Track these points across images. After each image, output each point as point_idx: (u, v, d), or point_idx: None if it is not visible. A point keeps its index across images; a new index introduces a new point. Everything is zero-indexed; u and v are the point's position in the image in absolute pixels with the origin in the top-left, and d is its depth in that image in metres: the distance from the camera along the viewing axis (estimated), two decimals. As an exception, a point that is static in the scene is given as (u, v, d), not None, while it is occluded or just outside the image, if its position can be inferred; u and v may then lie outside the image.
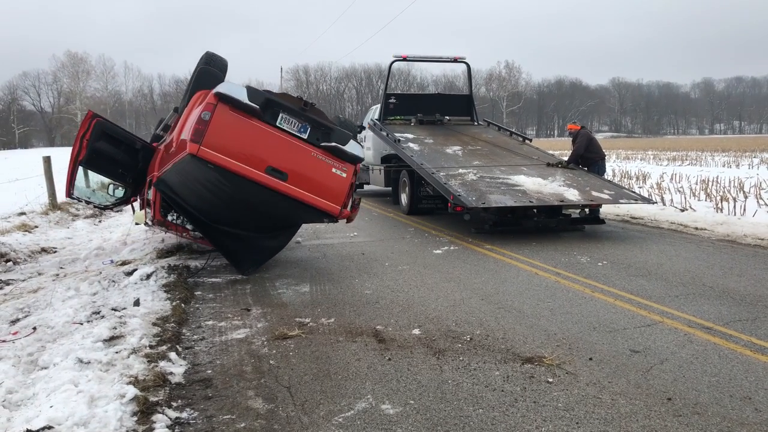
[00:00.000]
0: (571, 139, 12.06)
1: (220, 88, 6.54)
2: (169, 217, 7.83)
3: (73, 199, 8.81)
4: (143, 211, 8.57)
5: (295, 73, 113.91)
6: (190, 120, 6.61)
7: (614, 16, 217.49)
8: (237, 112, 6.51)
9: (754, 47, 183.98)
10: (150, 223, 8.60)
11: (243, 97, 6.50)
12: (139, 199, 9.00)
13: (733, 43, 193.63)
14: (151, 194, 7.94)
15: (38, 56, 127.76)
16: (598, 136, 14.34)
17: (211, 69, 7.78)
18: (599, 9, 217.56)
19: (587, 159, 11.51)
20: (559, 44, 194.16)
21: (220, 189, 6.83)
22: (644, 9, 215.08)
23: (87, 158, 8.09)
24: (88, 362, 4.31)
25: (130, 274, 7.06)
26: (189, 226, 7.91)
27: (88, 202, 9.08)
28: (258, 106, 6.55)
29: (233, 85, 6.67)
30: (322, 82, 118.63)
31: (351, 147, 7.00)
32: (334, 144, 6.86)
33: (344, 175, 6.92)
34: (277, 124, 6.70)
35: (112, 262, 8.17)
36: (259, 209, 7.19)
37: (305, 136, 6.79)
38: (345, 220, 7.28)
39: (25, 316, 5.63)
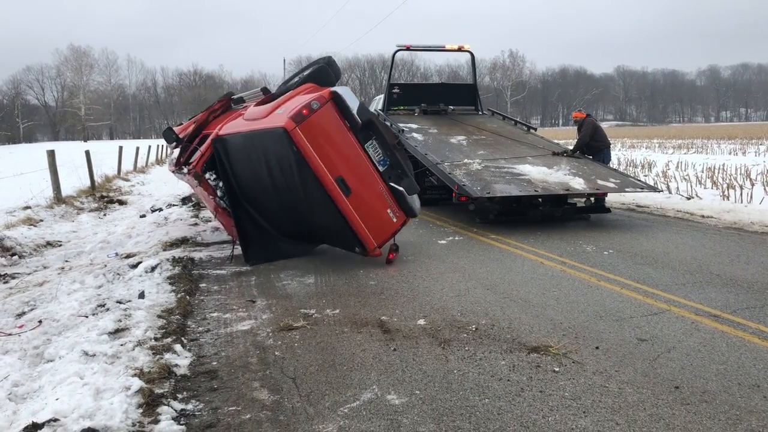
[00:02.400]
0: (576, 127, 11.98)
1: (339, 90, 6.91)
2: (207, 175, 7.99)
3: None
4: (172, 156, 9.06)
5: (298, 64, 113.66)
6: (295, 102, 6.93)
7: (619, 3, 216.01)
8: (339, 117, 6.87)
9: (760, 33, 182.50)
10: (173, 168, 9.00)
11: (353, 107, 6.91)
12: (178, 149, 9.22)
13: (739, 29, 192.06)
14: (203, 147, 8.14)
15: (41, 50, 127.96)
16: (603, 125, 14.21)
17: (329, 70, 7.98)
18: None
19: (592, 147, 11.43)
20: (563, 33, 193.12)
21: (281, 173, 7.03)
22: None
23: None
24: (94, 355, 4.31)
25: (134, 266, 7.06)
26: (219, 193, 8.00)
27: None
28: (360, 122, 6.92)
29: (350, 93, 7.03)
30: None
31: (413, 200, 7.27)
32: (402, 189, 7.10)
33: (395, 220, 7.17)
34: (365, 146, 7.00)
35: (116, 254, 8.18)
36: (303, 210, 7.28)
37: (381, 169, 7.08)
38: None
39: (31, 310, 5.64)
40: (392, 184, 7.10)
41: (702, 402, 3.61)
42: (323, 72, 7.95)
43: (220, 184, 7.93)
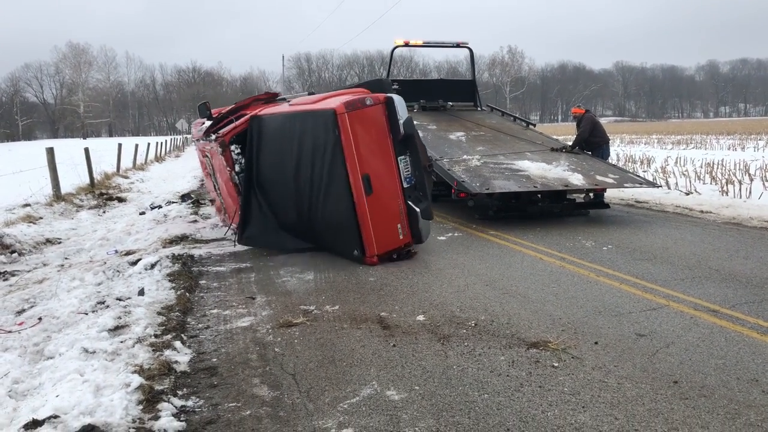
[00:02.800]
0: (575, 123, 11.98)
1: (394, 97, 7.14)
2: (233, 147, 8.21)
3: None
4: (201, 127, 9.77)
5: (297, 61, 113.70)
6: (349, 97, 7.17)
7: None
8: (386, 121, 7.10)
9: (759, 28, 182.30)
10: (200, 135, 9.65)
11: (401, 116, 7.12)
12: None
13: (738, 24, 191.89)
14: (238, 121, 8.47)
15: (40, 48, 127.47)
16: (602, 121, 14.26)
17: (383, 83, 8.21)
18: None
19: (591, 143, 11.44)
20: (562, 29, 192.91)
21: (311, 156, 7.24)
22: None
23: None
24: (94, 352, 4.32)
25: (134, 263, 7.07)
26: (237, 168, 8.22)
27: None
28: (402, 133, 7.10)
29: (402, 104, 7.21)
30: (324, 69, 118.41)
31: (425, 225, 7.41)
32: (417, 210, 7.23)
33: (401, 237, 7.27)
34: (399, 158, 7.19)
35: (116, 252, 8.18)
36: (316, 199, 7.36)
37: (405, 186, 7.24)
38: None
39: (31, 307, 5.65)
40: (410, 203, 7.24)
41: (701, 396, 3.62)
42: (379, 83, 8.26)
43: (241, 159, 8.19)
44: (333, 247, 7.65)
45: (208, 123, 9.57)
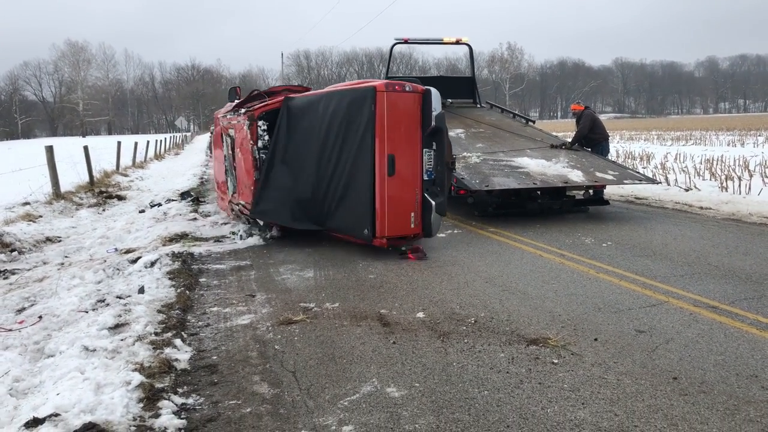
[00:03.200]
0: (575, 119, 11.98)
1: (432, 90, 7.35)
2: (260, 123, 8.52)
3: None
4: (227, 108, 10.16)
5: (296, 58, 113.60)
6: (390, 81, 7.47)
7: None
8: (419, 111, 7.30)
9: (758, 24, 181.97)
10: (228, 111, 10.12)
11: (435, 108, 7.30)
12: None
13: (738, 20, 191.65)
14: (271, 99, 8.91)
15: (38, 46, 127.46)
16: (602, 117, 14.22)
17: (418, 81, 8.30)
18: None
19: (591, 140, 11.44)
20: (561, 25, 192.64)
21: (341, 131, 7.49)
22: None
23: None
24: (94, 350, 4.32)
25: (134, 261, 7.07)
26: (260, 144, 8.51)
27: None
28: (432, 125, 7.28)
29: (438, 98, 7.39)
30: (324, 66, 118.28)
31: (436, 220, 7.50)
32: (433, 203, 7.36)
33: (413, 226, 7.38)
34: (424, 149, 7.37)
35: (116, 250, 8.18)
36: (337, 176, 7.58)
37: (425, 177, 7.40)
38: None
39: (31, 305, 5.65)
40: (427, 195, 7.37)
41: (700, 392, 3.63)
42: (413, 80, 8.41)
43: (266, 137, 8.50)
44: (344, 226, 7.74)
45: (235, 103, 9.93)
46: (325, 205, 7.83)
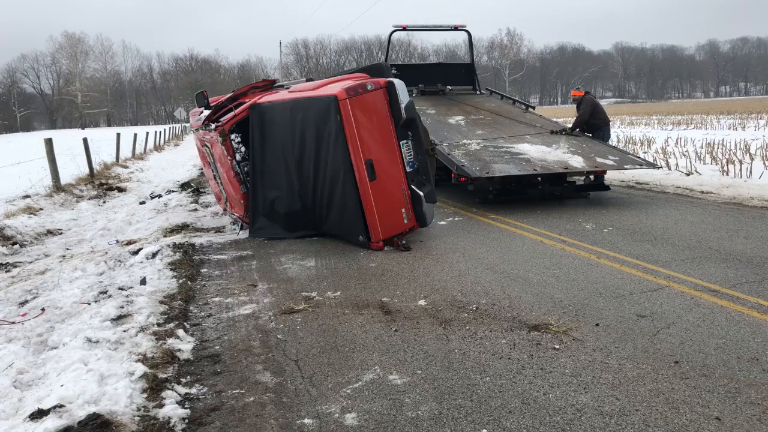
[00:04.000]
0: (575, 105, 11.93)
1: (395, 81, 7.14)
2: (233, 136, 8.29)
3: None
4: (199, 117, 9.74)
5: (295, 47, 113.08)
6: (350, 82, 7.16)
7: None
8: (387, 106, 7.09)
9: (759, 7, 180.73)
10: (198, 125, 9.65)
11: (403, 100, 7.11)
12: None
13: (738, 3, 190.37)
14: (237, 110, 8.49)
15: (36, 38, 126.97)
16: (602, 102, 14.17)
17: (383, 68, 8.19)
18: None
19: (592, 125, 11.40)
20: (561, 10, 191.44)
21: (314, 143, 7.33)
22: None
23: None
24: (97, 341, 4.34)
25: (135, 253, 7.08)
26: (238, 157, 8.29)
27: None
28: (404, 117, 7.10)
29: (404, 88, 7.29)
30: (322, 55, 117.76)
31: (429, 209, 7.42)
32: (421, 194, 7.25)
33: (406, 221, 7.30)
34: (401, 142, 7.20)
35: (117, 241, 8.19)
36: (321, 186, 7.44)
37: (408, 170, 7.23)
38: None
39: (34, 298, 5.66)
40: (414, 187, 7.26)
41: (701, 376, 3.64)
42: (378, 68, 8.26)
43: (242, 148, 8.26)
44: (338, 233, 7.68)
45: (206, 112, 9.56)
46: (316, 212, 7.74)
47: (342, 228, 7.52)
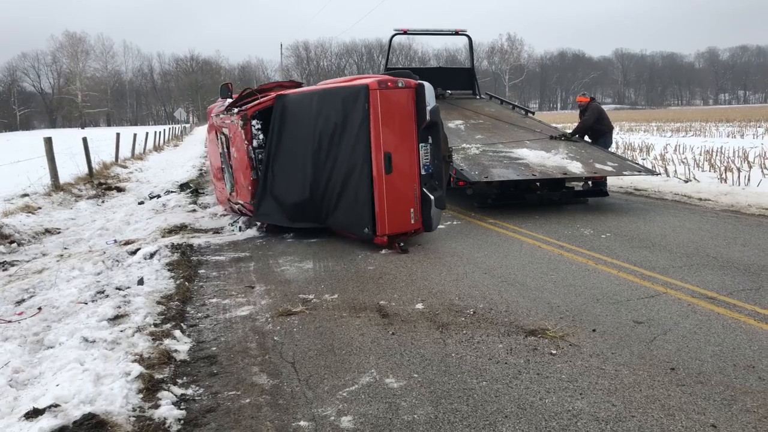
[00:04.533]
0: (579, 111, 11.95)
1: (425, 84, 7.32)
2: (254, 122, 8.50)
3: None
4: (221, 106, 9.94)
5: (295, 49, 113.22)
6: (380, 78, 7.36)
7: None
8: (414, 106, 7.27)
9: (759, 15, 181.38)
10: (220, 110, 9.83)
11: (429, 103, 7.25)
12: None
13: (738, 11, 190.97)
14: (263, 98, 8.71)
15: (37, 37, 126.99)
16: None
17: (413, 76, 8.21)
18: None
19: (597, 131, 11.46)
20: (562, 16, 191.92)
21: (336, 130, 7.45)
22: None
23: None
24: (93, 341, 4.33)
25: (133, 253, 7.07)
26: (255, 143, 8.48)
27: None
28: (427, 119, 7.24)
29: (432, 92, 7.36)
30: (323, 57, 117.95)
31: (436, 214, 7.49)
32: (432, 198, 7.35)
33: (413, 222, 7.37)
34: (420, 143, 7.32)
35: (115, 241, 8.19)
36: (335, 175, 7.53)
37: (423, 172, 7.36)
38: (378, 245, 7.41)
39: (30, 297, 5.66)
40: (425, 190, 7.34)
41: (697, 383, 3.64)
42: (406, 74, 8.34)
43: (260, 135, 8.45)
44: (344, 224, 7.73)
45: (227, 102, 9.77)
46: (324, 203, 7.80)
47: (349, 219, 7.56)
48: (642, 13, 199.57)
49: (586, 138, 11.63)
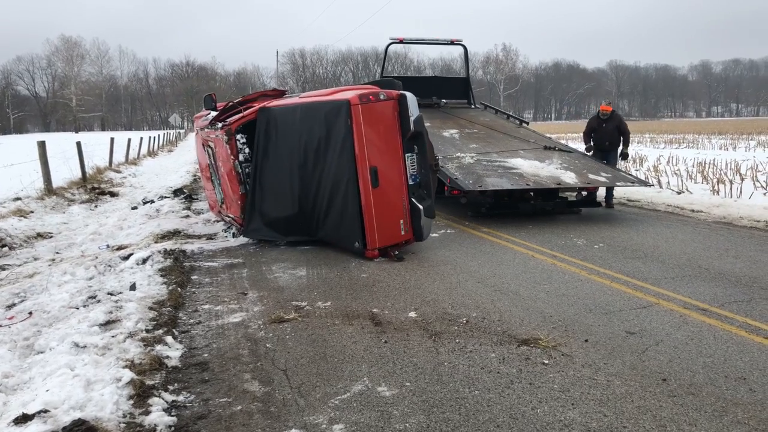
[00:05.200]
0: (602, 120, 11.28)
1: (407, 94, 7.29)
2: (239, 137, 8.37)
3: None
4: (205, 118, 9.89)
5: (291, 56, 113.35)
6: (363, 91, 7.31)
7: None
8: (397, 117, 7.23)
9: (751, 29, 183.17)
10: (204, 124, 9.80)
11: (413, 113, 7.23)
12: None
13: (731, 25, 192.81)
14: (246, 111, 8.60)
15: (32, 40, 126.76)
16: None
17: (395, 82, 8.27)
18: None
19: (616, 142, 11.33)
20: (557, 27, 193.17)
21: (320, 146, 7.40)
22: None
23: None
24: (84, 346, 4.31)
25: (126, 258, 7.04)
26: (241, 157, 8.36)
27: None
28: (411, 130, 7.21)
29: (414, 102, 7.32)
30: (319, 65, 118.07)
31: (426, 223, 7.48)
32: (421, 208, 7.35)
33: (403, 233, 7.36)
34: (406, 154, 7.31)
35: (108, 246, 8.15)
36: (322, 190, 7.50)
37: (410, 182, 7.33)
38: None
39: (21, 301, 5.62)
40: (414, 200, 7.34)
41: (689, 394, 3.65)
42: (389, 83, 8.38)
43: (246, 149, 8.38)
44: (334, 238, 7.70)
45: (212, 114, 9.68)
46: (314, 217, 7.78)
47: (339, 233, 7.53)
48: (636, 26, 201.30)
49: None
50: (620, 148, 11.34)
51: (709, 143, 30.21)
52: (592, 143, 11.56)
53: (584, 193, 10.34)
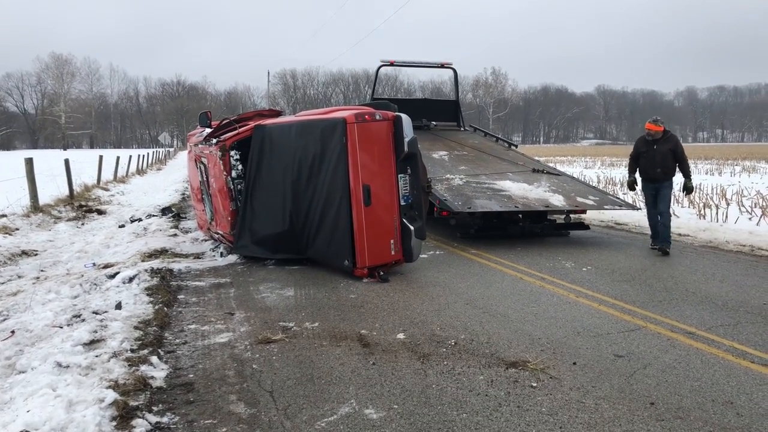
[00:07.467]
0: (650, 141, 8.91)
1: (402, 116, 7.36)
2: (233, 153, 8.47)
3: None
4: (200, 135, 10.03)
5: (282, 77, 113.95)
6: (358, 110, 7.41)
7: (600, 25, 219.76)
8: (392, 138, 7.30)
9: (736, 57, 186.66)
10: (198, 140, 9.89)
11: (407, 134, 7.30)
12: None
13: (717, 52, 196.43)
14: (242, 129, 8.71)
15: (21, 57, 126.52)
16: (584, 143, 14.27)
17: (390, 104, 8.33)
18: (586, 18, 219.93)
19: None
20: (545, 52, 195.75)
21: (314, 163, 7.46)
22: (629, 17, 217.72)
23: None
24: (67, 366, 4.24)
25: (112, 277, 6.97)
26: (234, 174, 8.42)
27: None
28: (405, 151, 7.28)
29: (409, 124, 7.40)
30: (310, 86, 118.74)
31: (416, 245, 7.52)
32: (411, 228, 7.39)
33: (393, 253, 7.38)
34: (399, 174, 7.36)
35: (94, 265, 8.07)
36: (315, 206, 7.52)
37: (402, 203, 7.39)
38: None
39: (3, 320, 5.53)
40: (405, 221, 7.36)
41: (677, 418, 3.65)
42: (384, 105, 8.45)
43: (239, 166, 8.43)
44: (324, 256, 7.67)
45: (206, 131, 9.73)
46: (304, 234, 7.78)
47: (329, 251, 7.52)
48: (624, 51, 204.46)
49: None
50: (679, 177, 9.11)
51: (695, 168, 30.55)
52: (637, 174, 9.22)
53: (572, 215, 10.42)
